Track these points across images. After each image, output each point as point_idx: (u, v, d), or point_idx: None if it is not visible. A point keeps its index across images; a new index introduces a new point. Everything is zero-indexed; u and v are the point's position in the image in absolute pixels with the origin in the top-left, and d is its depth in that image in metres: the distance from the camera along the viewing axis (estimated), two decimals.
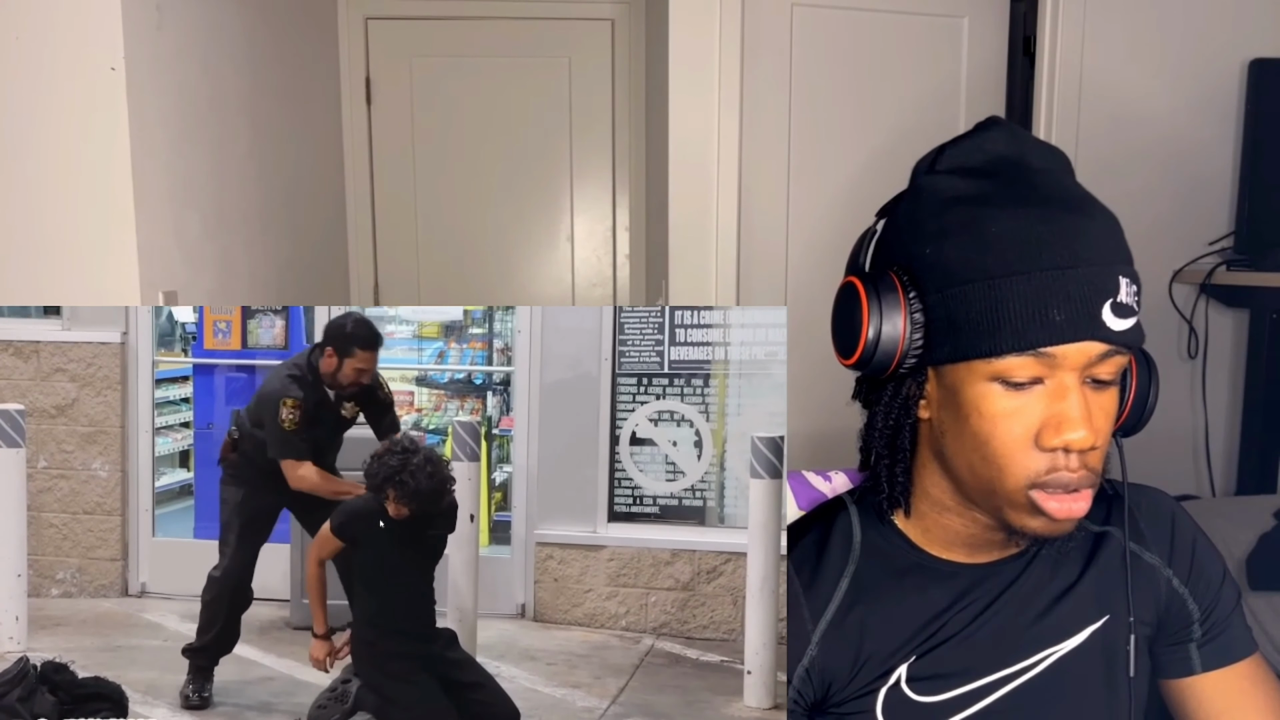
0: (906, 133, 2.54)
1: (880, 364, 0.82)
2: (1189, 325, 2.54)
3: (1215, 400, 2.56)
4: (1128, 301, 0.76)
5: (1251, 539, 1.70)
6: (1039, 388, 0.77)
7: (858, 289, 0.82)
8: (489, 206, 3.41)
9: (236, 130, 2.24)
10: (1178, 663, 0.93)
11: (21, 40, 1.65)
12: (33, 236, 1.71)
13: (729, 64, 2.42)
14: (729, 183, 2.47)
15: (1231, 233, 2.53)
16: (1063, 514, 0.79)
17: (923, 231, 0.80)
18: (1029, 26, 2.61)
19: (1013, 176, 0.79)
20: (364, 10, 3.29)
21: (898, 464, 0.89)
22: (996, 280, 0.75)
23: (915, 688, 0.88)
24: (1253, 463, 2.49)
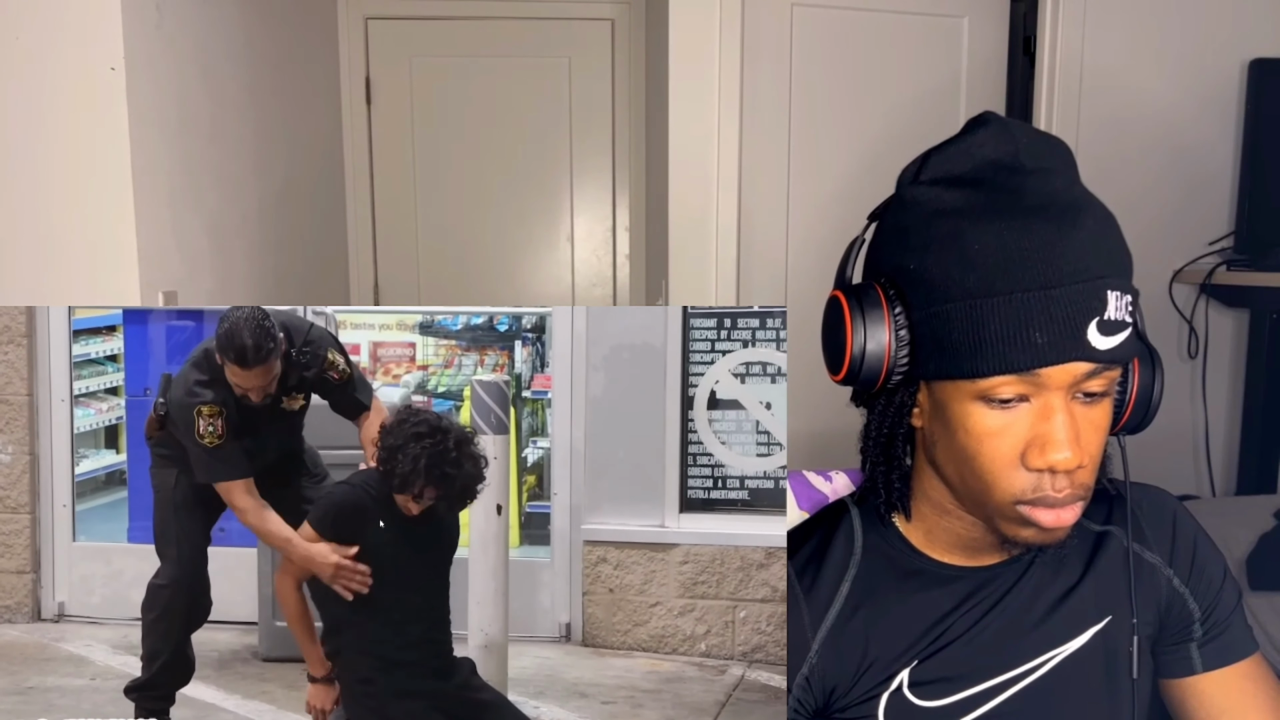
0: (906, 133, 2.55)
1: (867, 380, 0.81)
2: (1189, 325, 2.54)
3: (1215, 400, 2.56)
4: (1116, 317, 0.74)
5: (1251, 539, 1.70)
6: (1025, 405, 0.76)
7: (842, 305, 0.81)
8: (489, 206, 3.40)
9: (236, 130, 2.24)
10: (1178, 662, 0.93)
11: (21, 40, 1.65)
12: (32, 236, 1.70)
13: (729, 64, 2.42)
14: (729, 183, 2.46)
15: (1231, 233, 2.53)
16: (1053, 523, 0.78)
17: (907, 245, 0.79)
18: (1029, 26, 2.61)
19: (999, 184, 0.76)
20: (364, 10, 3.29)
21: (894, 471, 0.89)
22: (977, 300, 0.74)
23: (918, 692, 0.88)
24: (1253, 463, 2.49)
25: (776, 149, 2.52)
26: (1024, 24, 2.63)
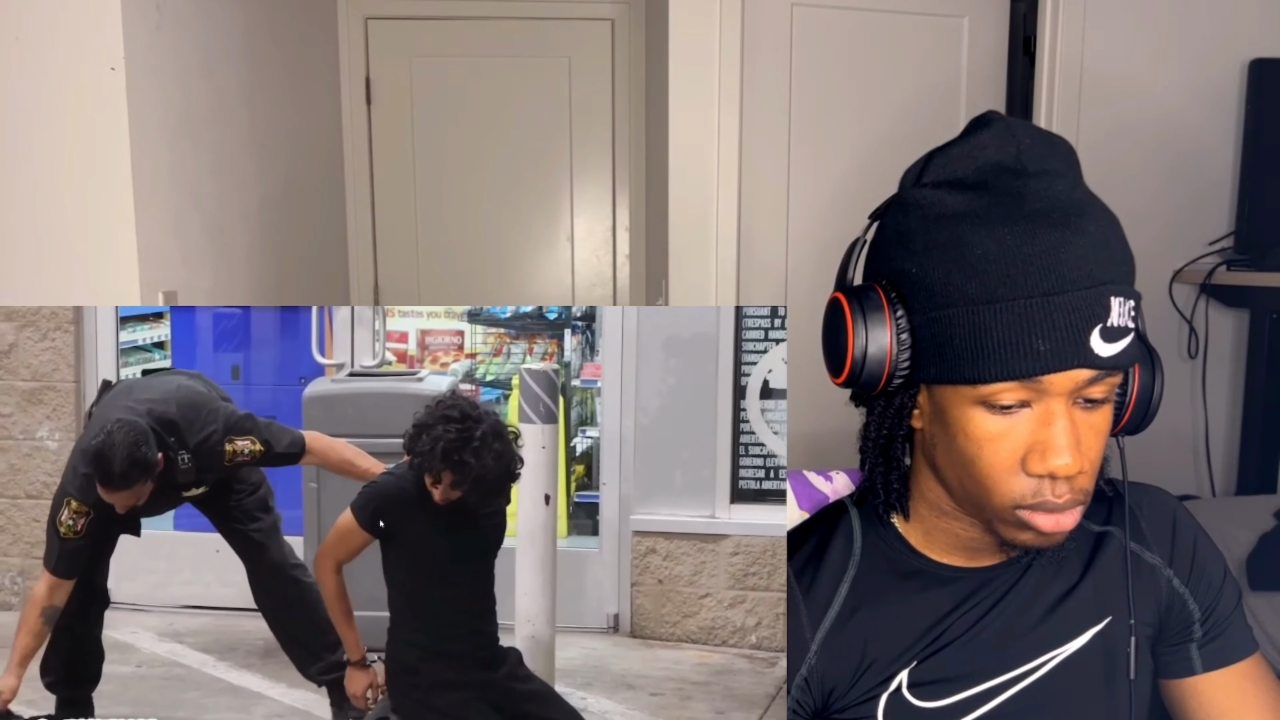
0: (906, 132, 2.55)
1: (868, 383, 0.81)
2: (1189, 325, 2.54)
3: (1215, 400, 2.56)
4: (1119, 324, 0.73)
5: (1251, 539, 1.70)
6: (1026, 410, 0.76)
7: (843, 308, 0.81)
8: (489, 206, 3.40)
9: (236, 130, 2.24)
10: (1178, 663, 0.93)
11: (21, 40, 1.65)
12: (32, 236, 1.70)
13: (729, 64, 2.42)
14: (729, 183, 2.46)
15: (1231, 233, 2.53)
16: (1052, 528, 0.78)
17: (909, 248, 0.79)
18: (1029, 26, 2.61)
19: (1001, 188, 0.75)
20: (364, 10, 3.29)
21: (892, 472, 0.88)
22: (980, 307, 0.73)
23: (917, 693, 0.88)
24: (1253, 463, 2.49)
25: (776, 149, 2.52)
26: (1024, 24, 2.63)
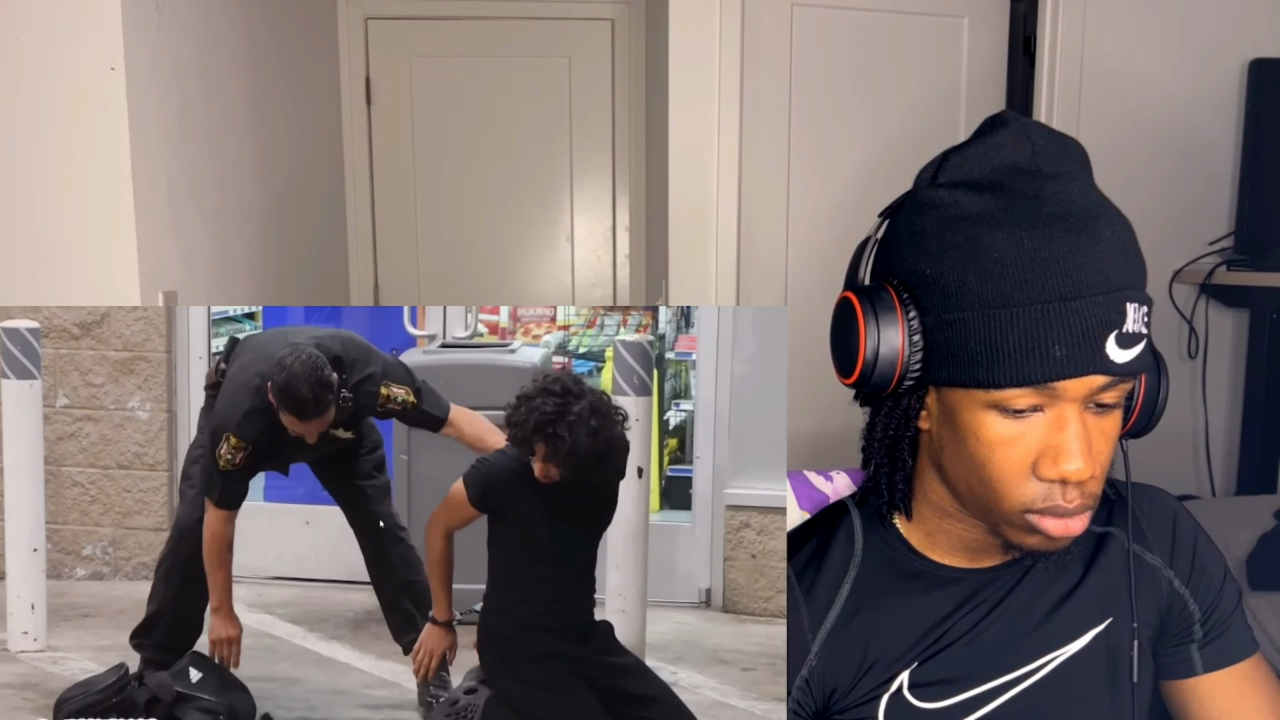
0: (906, 133, 2.55)
1: (878, 384, 0.80)
2: (1189, 325, 2.54)
3: (1215, 400, 2.56)
4: (1134, 330, 0.73)
5: (1251, 539, 1.70)
6: (1038, 415, 0.76)
7: (855, 307, 0.80)
8: (489, 206, 3.40)
9: (236, 130, 2.24)
10: (1179, 664, 0.93)
11: (21, 40, 1.65)
12: (32, 236, 1.70)
13: (729, 64, 2.42)
14: (729, 183, 2.46)
15: (1231, 233, 2.53)
16: (1061, 533, 0.78)
17: (923, 249, 0.78)
18: (1029, 26, 2.61)
19: (1017, 190, 0.74)
20: (364, 10, 3.29)
21: (897, 473, 0.88)
22: (995, 311, 0.73)
23: (918, 694, 0.88)
24: (1253, 463, 2.49)
25: (777, 148, 2.52)
26: (1024, 24, 2.63)
